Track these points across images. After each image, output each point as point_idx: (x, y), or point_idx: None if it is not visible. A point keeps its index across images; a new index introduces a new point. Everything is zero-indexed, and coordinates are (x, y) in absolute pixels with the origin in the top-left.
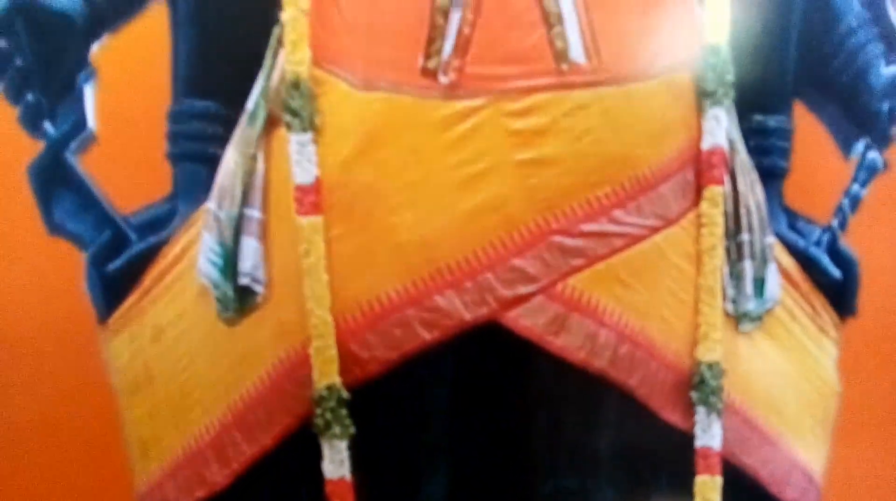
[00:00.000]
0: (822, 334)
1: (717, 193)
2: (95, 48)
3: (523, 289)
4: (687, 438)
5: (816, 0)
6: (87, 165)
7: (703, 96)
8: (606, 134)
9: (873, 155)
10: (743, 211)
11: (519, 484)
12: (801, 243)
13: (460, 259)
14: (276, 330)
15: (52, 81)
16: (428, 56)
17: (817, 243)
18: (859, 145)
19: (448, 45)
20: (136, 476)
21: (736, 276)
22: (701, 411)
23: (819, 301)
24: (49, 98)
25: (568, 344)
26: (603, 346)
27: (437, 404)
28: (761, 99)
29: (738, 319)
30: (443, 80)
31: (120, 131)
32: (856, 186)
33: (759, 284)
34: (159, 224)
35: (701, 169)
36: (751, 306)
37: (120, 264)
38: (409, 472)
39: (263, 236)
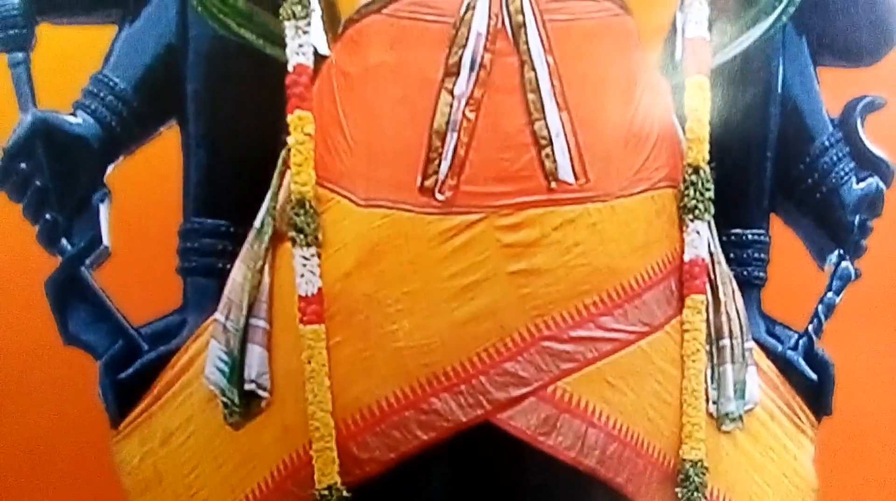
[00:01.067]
0: (800, 432)
1: (699, 301)
2: (111, 169)
3: (516, 392)
4: None
5: (791, 121)
6: (101, 279)
7: (684, 211)
8: (594, 247)
9: (846, 265)
10: (724, 318)
11: None
12: (779, 347)
13: (456, 364)
14: (280, 433)
15: (69, 201)
16: (426, 176)
17: (794, 348)
18: (833, 256)
19: (445, 166)
20: None
21: (718, 379)
22: None
23: (797, 402)
24: (66, 216)
25: (559, 444)
26: (592, 446)
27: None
28: (740, 214)
29: (720, 419)
30: (440, 197)
31: (133, 247)
32: (830, 294)
33: (740, 386)
34: (170, 334)
35: (683, 279)
36: (732, 407)
37: (131, 372)
38: None
39: (268, 344)
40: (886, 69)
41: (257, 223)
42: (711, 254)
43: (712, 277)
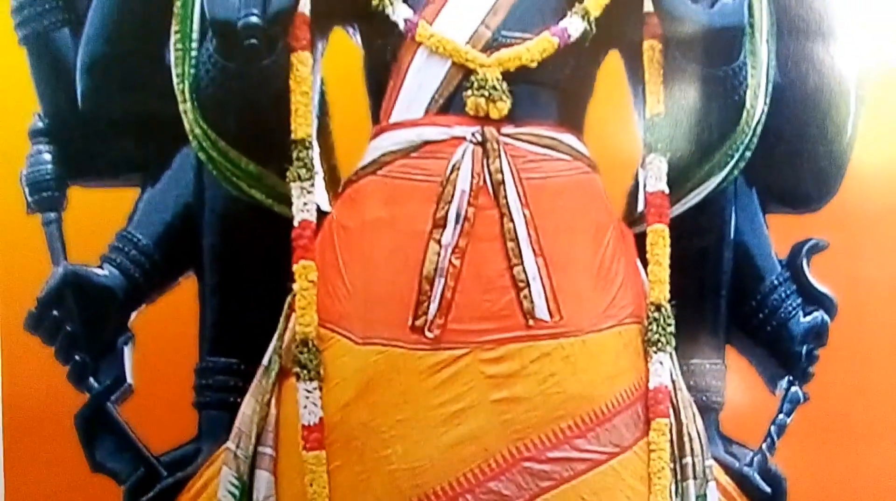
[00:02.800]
0: None
1: (663, 424)
2: (134, 315)
3: None
4: None
5: (743, 262)
6: (125, 412)
7: (648, 345)
8: (568, 377)
9: (795, 389)
10: (686, 438)
11: None
12: (736, 464)
13: (444, 484)
14: None
15: (96, 344)
16: (417, 316)
17: (750, 464)
18: (783, 382)
19: (433, 307)
20: None
21: (682, 493)
22: None
23: None
24: (93, 358)
25: None
26: None
27: None
28: (698, 346)
29: None
30: (429, 335)
31: (154, 384)
32: (781, 416)
33: (702, 500)
34: (186, 461)
35: (649, 404)
36: None
37: (152, 496)
38: None
39: (274, 469)
40: (828, 214)
41: (265, 361)
42: (674, 382)
43: (675, 402)
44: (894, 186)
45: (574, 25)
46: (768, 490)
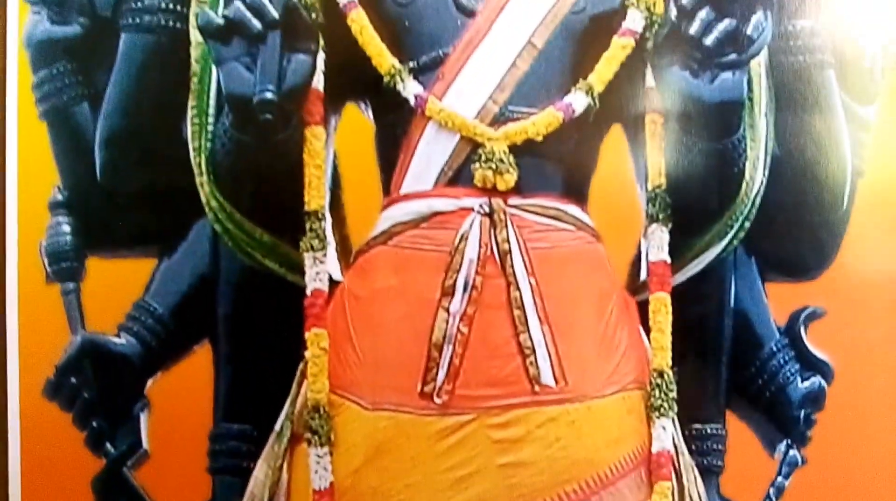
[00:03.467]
0: None
1: (665, 487)
2: (150, 383)
3: None
4: None
5: (743, 330)
6: (141, 477)
7: (651, 410)
8: (573, 441)
9: (793, 453)
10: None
11: None
12: None
13: None
14: None
15: (113, 411)
16: (425, 382)
17: None
18: (782, 445)
19: (442, 374)
20: None
21: None
22: None
23: None
24: (110, 424)
25: None
26: None
27: None
28: (699, 411)
29: None
30: (437, 401)
31: (169, 450)
32: (780, 479)
33: None
34: None
35: (651, 468)
36: None
37: None
38: None
39: None
40: (825, 283)
41: (277, 427)
42: (676, 446)
43: (677, 466)
44: (889, 255)
45: (578, 101)
46: None
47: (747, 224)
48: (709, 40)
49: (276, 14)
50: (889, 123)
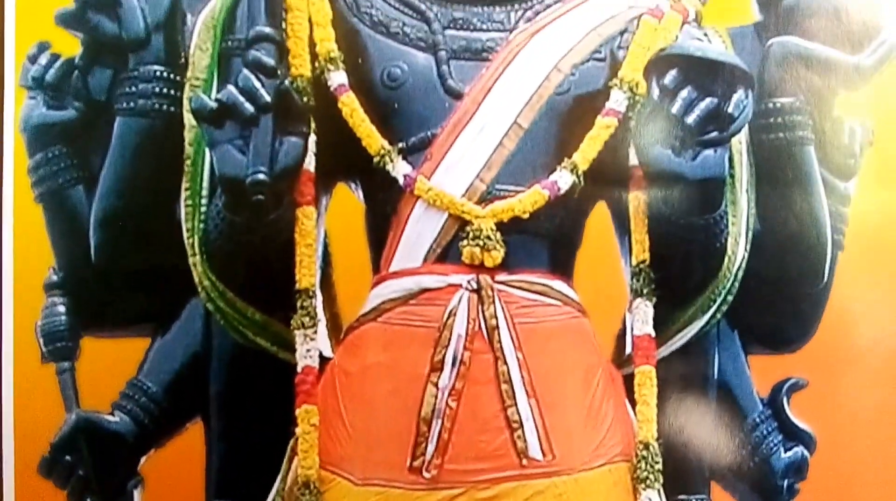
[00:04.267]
0: None
1: None
2: (143, 460)
3: None
4: None
5: (726, 401)
6: None
7: (637, 482)
8: None
9: None
10: None
11: None
12: None
13: None
14: None
15: (107, 488)
16: (415, 457)
17: None
18: None
19: (431, 448)
20: None
21: None
22: None
23: None
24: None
25: None
26: None
27: None
28: (685, 482)
29: None
30: (426, 475)
31: None
32: None
33: None
34: None
35: None
36: None
37: None
38: None
39: None
40: (807, 354)
41: None
42: None
43: None
44: (869, 327)
45: (563, 179)
46: None
47: (730, 298)
48: (691, 119)
49: (268, 98)
50: (868, 197)
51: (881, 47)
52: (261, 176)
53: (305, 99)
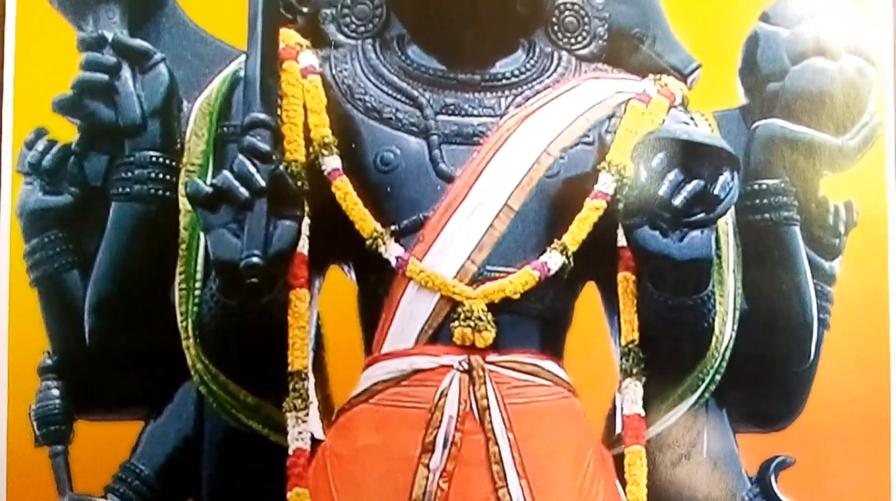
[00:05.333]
0: None
1: None
2: None
3: None
4: None
5: (714, 481)
6: None
7: None
8: None
9: None
10: None
11: None
12: None
13: None
14: None
15: None
16: None
17: None
18: None
19: None
20: None
21: None
22: None
23: None
24: None
25: None
26: None
27: None
28: None
29: None
30: None
31: None
32: None
33: None
34: None
35: None
36: None
37: None
38: None
39: None
40: (794, 433)
41: None
42: None
43: None
44: (855, 405)
45: (553, 260)
46: None
47: (718, 377)
48: (678, 201)
49: (263, 182)
50: (852, 276)
51: (864, 129)
52: (255, 259)
53: (299, 183)
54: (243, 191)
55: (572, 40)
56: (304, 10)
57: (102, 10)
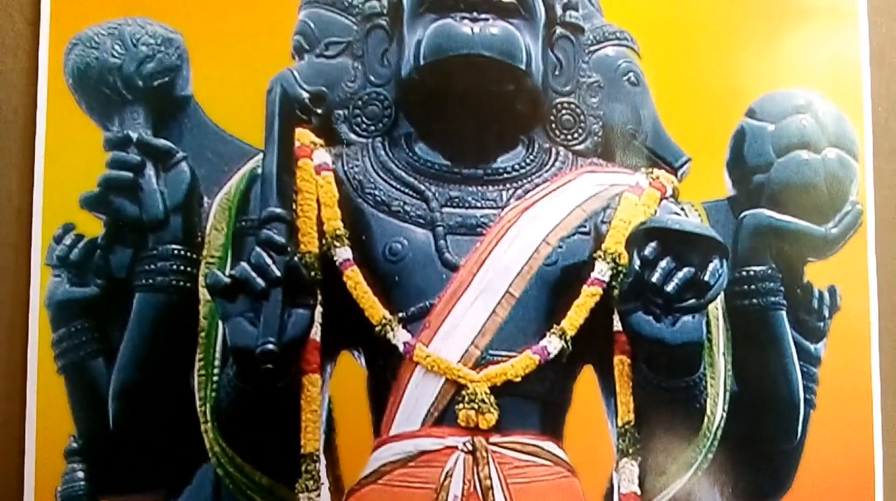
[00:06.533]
0: None
1: None
2: None
3: None
4: None
5: None
6: None
7: None
8: None
9: None
10: None
11: None
12: None
13: None
14: None
15: None
16: None
17: None
18: None
19: None
20: None
21: None
22: None
23: None
24: None
25: None
26: None
27: None
28: None
29: None
30: None
31: None
32: None
33: None
34: None
35: None
36: None
37: None
38: None
39: None
40: None
41: None
42: None
43: None
44: (841, 481)
45: (552, 344)
46: None
47: (710, 456)
48: (670, 287)
49: (278, 273)
50: (837, 358)
51: (846, 217)
52: (270, 347)
53: (313, 273)
54: (260, 281)
55: (569, 137)
56: (319, 111)
57: (128, 111)
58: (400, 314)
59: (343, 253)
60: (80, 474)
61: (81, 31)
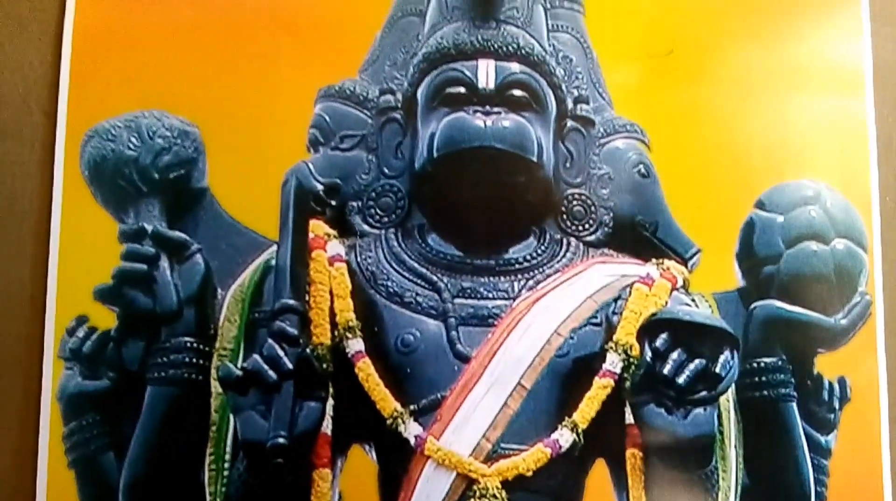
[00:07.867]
0: None
1: None
2: None
3: None
4: None
5: None
6: None
7: None
8: None
9: None
10: None
11: None
12: None
13: None
14: None
15: None
16: None
17: None
18: None
19: None
20: None
21: None
22: None
23: None
24: None
25: None
26: None
27: None
28: None
29: None
30: None
31: None
32: None
33: None
34: None
35: None
36: None
37: None
38: None
39: None
40: None
41: None
42: None
43: None
44: None
45: (564, 437)
46: None
47: None
48: (681, 379)
49: (290, 365)
50: (847, 450)
51: (855, 308)
52: (281, 440)
53: (325, 365)
54: (271, 374)
55: (580, 227)
56: (333, 202)
57: (143, 203)
58: (412, 407)
59: (355, 345)
60: None
61: (98, 124)
